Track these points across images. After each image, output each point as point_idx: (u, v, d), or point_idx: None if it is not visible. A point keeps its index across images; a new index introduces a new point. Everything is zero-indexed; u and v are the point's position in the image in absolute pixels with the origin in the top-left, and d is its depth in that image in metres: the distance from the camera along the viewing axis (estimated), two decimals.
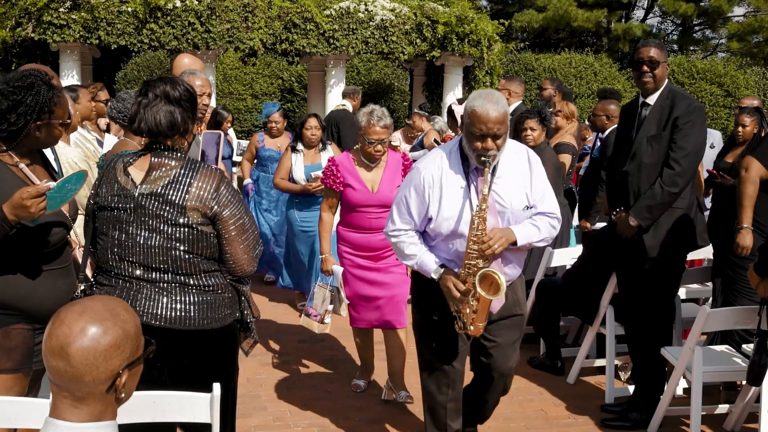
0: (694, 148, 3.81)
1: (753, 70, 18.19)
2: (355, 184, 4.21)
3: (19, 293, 2.58)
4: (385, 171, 4.27)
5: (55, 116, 2.61)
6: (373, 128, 4.13)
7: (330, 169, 4.27)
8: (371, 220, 4.21)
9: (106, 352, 1.51)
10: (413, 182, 3.12)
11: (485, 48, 11.96)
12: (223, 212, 2.55)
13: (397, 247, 3.21)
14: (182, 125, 2.58)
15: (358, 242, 4.26)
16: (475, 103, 2.95)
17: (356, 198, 4.20)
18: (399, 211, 3.16)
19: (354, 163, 4.27)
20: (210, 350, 2.63)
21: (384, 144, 4.19)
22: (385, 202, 4.14)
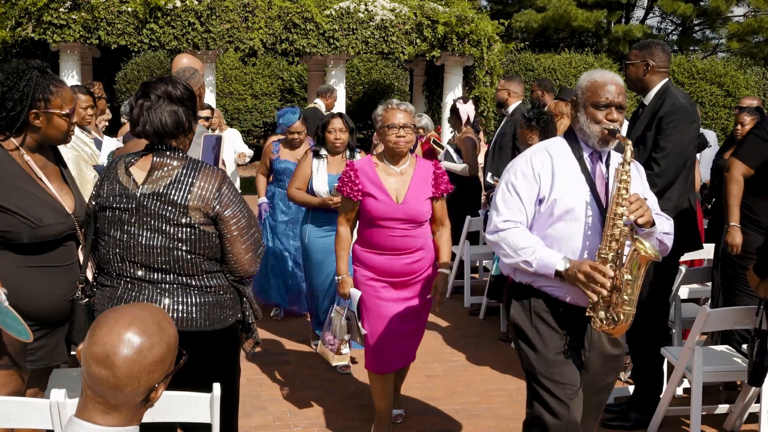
0: (675, 149, 3.78)
1: (753, 70, 18.19)
2: (377, 193, 3.57)
3: (8, 288, 2.58)
4: (413, 179, 3.64)
5: (52, 105, 2.61)
6: (393, 112, 3.60)
7: (347, 174, 3.64)
8: (395, 239, 3.58)
9: (151, 366, 1.51)
10: (518, 168, 2.79)
11: (485, 48, 11.97)
12: (225, 212, 2.55)
13: (506, 243, 2.72)
14: (186, 124, 2.59)
15: (380, 266, 3.64)
16: (594, 75, 2.77)
17: (377, 210, 3.56)
18: (505, 200, 2.77)
19: (376, 169, 3.65)
20: (212, 351, 2.63)
21: (410, 132, 3.61)
22: (412, 215, 3.57)
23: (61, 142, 2.77)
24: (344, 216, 3.74)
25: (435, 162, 3.80)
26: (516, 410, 4.29)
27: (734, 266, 4.07)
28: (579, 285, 2.61)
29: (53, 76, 2.66)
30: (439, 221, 3.77)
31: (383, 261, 3.63)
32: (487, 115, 12.37)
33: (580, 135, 2.80)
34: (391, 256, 3.61)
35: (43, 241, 2.62)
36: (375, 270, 3.65)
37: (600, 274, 2.55)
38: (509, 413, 4.24)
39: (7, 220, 2.54)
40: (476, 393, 4.50)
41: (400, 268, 3.62)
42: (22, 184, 2.60)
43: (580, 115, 2.78)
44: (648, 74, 3.95)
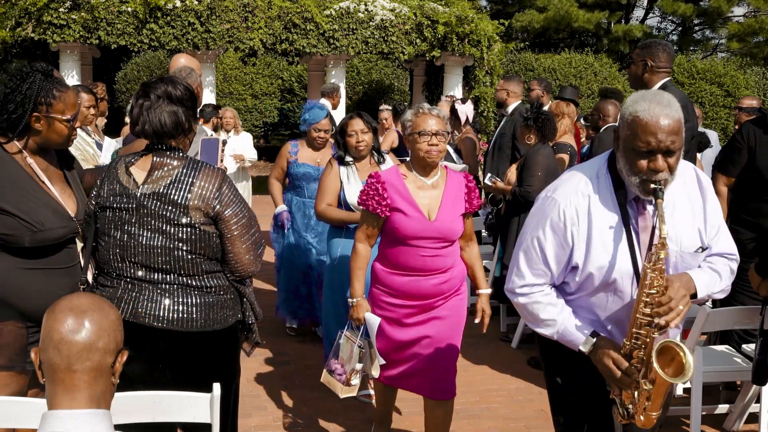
0: None
1: (753, 70, 18.19)
2: (407, 209, 3.22)
3: (9, 289, 2.58)
4: (445, 193, 3.30)
5: (54, 109, 2.60)
6: (424, 117, 3.23)
7: (373, 187, 3.25)
8: (425, 259, 3.24)
9: (114, 323, 1.62)
10: (548, 218, 2.29)
11: (485, 48, 11.97)
12: (225, 212, 2.54)
13: (527, 310, 2.38)
14: (186, 124, 2.58)
15: (405, 288, 3.29)
16: (639, 107, 2.17)
17: (408, 228, 3.20)
18: (528, 260, 2.34)
19: (405, 181, 3.28)
20: (212, 351, 2.63)
21: (443, 141, 3.24)
22: (445, 234, 3.25)
23: (63, 146, 2.76)
24: (365, 232, 3.35)
25: (466, 174, 3.44)
26: (516, 410, 4.29)
27: None
28: (601, 372, 2.28)
29: (57, 80, 2.64)
30: (468, 236, 3.46)
31: (409, 282, 3.27)
32: (486, 115, 12.38)
33: (622, 176, 2.26)
34: (420, 276, 3.26)
35: (44, 245, 2.62)
36: (399, 292, 3.30)
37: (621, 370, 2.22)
38: (509, 413, 4.24)
39: (8, 223, 2.54)
40: (476, 393, 4.50)
41: (428, 289, 3.28)
42: (24, 186, 2.59)
43: (619, 155, 2.24)
44: (647, 74, 3.97)
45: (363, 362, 3.38)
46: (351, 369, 3.40)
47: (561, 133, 6.15)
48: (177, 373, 2.60)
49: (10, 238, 2.55)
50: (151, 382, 2.43)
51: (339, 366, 3.44)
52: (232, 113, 8.65)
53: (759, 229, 3.97)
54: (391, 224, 3.24)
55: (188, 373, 2.60)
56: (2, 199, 2.54)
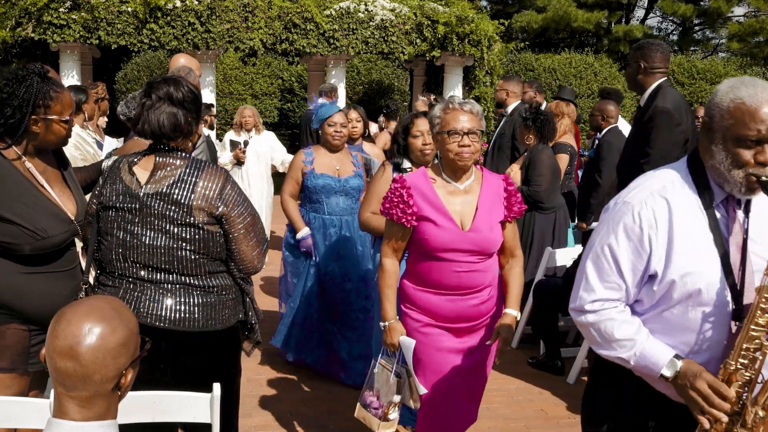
0: (658, 154, 3.80)
1: (753, 71, 18.19)
2: (437, 218, 2.83)
3: (11, 292, 2.58)
4: (480, 198, 2.89)
5: (52, 111, 2.59)
6: (454, 113, 2.83)
7: (397, 193, 2.87)
8: (460, 275, 2.85)
9: (115, 350, 1.52)
10: (620, 223, 2.00)
11: (485, 48, 11.97)
12: (230, 212, 2.53)
13: (599, 331, 2.03)
14: (186, 127, 2.56)
15: (438, 308, 2.92)
16: (741, 92, 1.92)
17: (439, 239, 2.82)
18: (599, 271, 2.03)
19: (433, 185, 2.89)
20: (213, 351, 2.63)
21: (476, 140, 2.84)
22: (482, 246, 2.85)
23: (59, 146, 2.75)
24: (390, 245, 2.96)
25: (505, 176, 3.05)
26: (516, 410, 4.29)
27: None
28: (689, 402, 1.94)
29: (53, 81, 2.63)
30: (510, 251, 3.03)
31: (443, 302, 2.89)
32: (486, 115, 12.38)
33: (713, 174, 2.00)
34: (454, 296, 2.88)
35: (45, 252, 2.61)
36: (432, 313, 2.93)
37: (719, 396, 1.88)
38: (509, 413, 4.24)
39: (10, 231, 2.53)
40: None
41: (464, 310, 2.90)
42: (24, 192, 2.58)
43: (714, 149, 1.97)
44: (641, 75, 3.98)
45: (401, 393, 2.97)
46: (388, 401, 2.97)
47: (561, 133, 6.15)
48: (178, 373, 2.60)
49: (11, 246, 2.55)
50: (151, 381, 2.43)
51: (374, 398, 3.02)
52: (252, 111, 7.88)
53: None
54: (419, 235, 2.85)
55: (189, 373, 2.60)
56: (3, 207, 2.53)
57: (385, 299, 3.00)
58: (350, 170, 4.55)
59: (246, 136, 7.69)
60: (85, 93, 4.90)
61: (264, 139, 7.79)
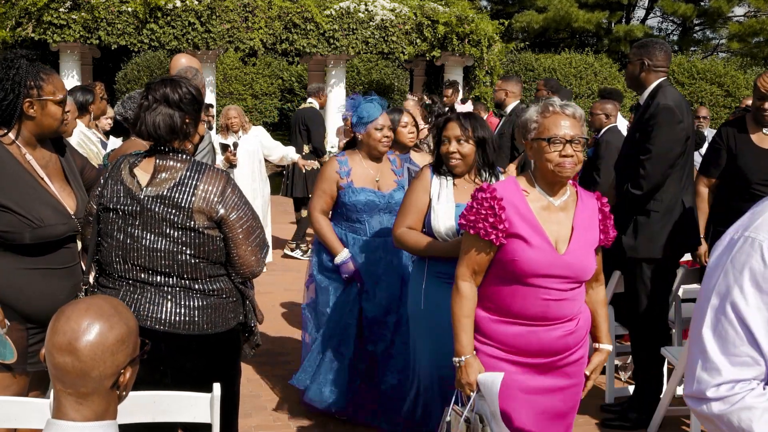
0: (659, 152, 3.80)
1: (753, 71, 18.20)
2: (531, 236, 2.43)
3: (10, 289, 2.58)
4: (576, 218, 2.52)
5: (45, 91, 2.60)
6: (555, 118, 2.43)
7: (486, 204, 2.44)
8: (549, 304, 2.47)
9: (113, 346, 1.53)
10: (747, 268, 1.42)
11: (485, 48, 11.98)
12: (230, 215, 2.52)
13: (728, 424, 1.42)
14: (182, 129, 2.54)
15: (519, 340, 2.51)
16: None
17: (532, 262, 2.42)
18: (723, 340, 1.43)
19: (526, 198, 2.49)
20: (213, 354, 2.63)
21: (579, 149, 2.44)
22: (577, 271, 2.48)
23: (57, 131, 2.74)
24: (470, 266, 2.53)
25: (598, 195, 2.65)
26: None
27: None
28: None
29: (41, 65, 2.65)
30: (595, 276, 2.67)
31: (524, 334, 2.50)
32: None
33: None
34: (538, 326, 2.50)
35: (45, 241, 2.61)
36: (510, 347, 2.53)
37: None
38: None
39: (7, 220, 2.53)
40: None
41: (549, 343, 2.51)
42: (22, 182, 2.59)
43: None
44: (644, 73, 3.97)
45: None
46: None
47: None
48: (178, 376, 2.59)
49: (10, 235, 2.55)
50: (151, 384, 2.43)
51: None
52: (236, 111, 7.52)
53: None
54: (506, 256, 2.45)
55: (189, 376, 2.59)
56: (1, 195, 2.53)
57: (461, 330, 2.54)
58: (392, 182, 3.79)
59: (234, 137, 7.38)
60: (91, 93, 4.90)
61: (253, 137, 7.45)
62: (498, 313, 2.53)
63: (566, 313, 2.52)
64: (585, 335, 2.65)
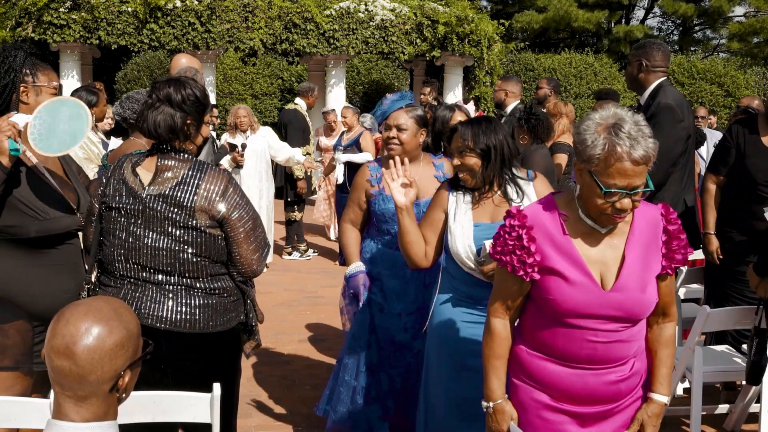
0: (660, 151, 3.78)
1: (753, 70, 18.19)
2: (569, 271, 2.09)
3: (15, 286, 2.58)
4: (629, 243, 2.13)
5: (40, 79, 2.68)
6: (622, 166, 1.97)
7: (513, 233, 2.12)
8: (596, 347, 2.12)
9: (112, 351, 1.52)
10: None
11: (485, 48, 11.97)
12: (231, 214, 2.53)
13: None
14: (182, 130, 2.54)
15: (562, 384, 2.18)
16: None
17: (570, 301, 2.09)
18: None
19: (565, 223, 2.13)
20: (213, 353, 2.63)
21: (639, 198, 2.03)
22: (630, 310, 2.10)
23: None
24: (503, 302, 2.22)
25: (664, 206, 2.21)
26: None
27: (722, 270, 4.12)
28: None
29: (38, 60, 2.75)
30: (661, 309, 2.23)
31: (570, 377, 2.16)
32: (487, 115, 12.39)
33: None
34: (585, 369, 2.15)
35: (50, 235, 2.62)
36: (553, 390, 2.19)
37: None
38: None
39: (14, 213, 2.54)
40: None
41: (597, 389, 2.16)
42: (24, 176, 2.61)
43: None
44: (643, 74, 3.99)
45: None
46: None
47: (559, 132, 6.15)
48: (178, 374, 2.60)
49: (16, 229, 2.56)
50: (152, 382, 2.43)
51: None
52: (246, 110, 7.46)
53: (750, 230, 3.97)
54: (542, 293, 2.12)
55: (190, 374, 2.60)
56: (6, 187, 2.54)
57: (492, 373, 2.24)
58: (432, 190, 3.13)
59: (242, 137, 7.35)
60: (96, 95, 4.90)
61: (261, 137, 7.45)
62: (538, 350, 2.20)
63: (618, 357, 2.14)
64: (640, 382, 2.26)
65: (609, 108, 2.05)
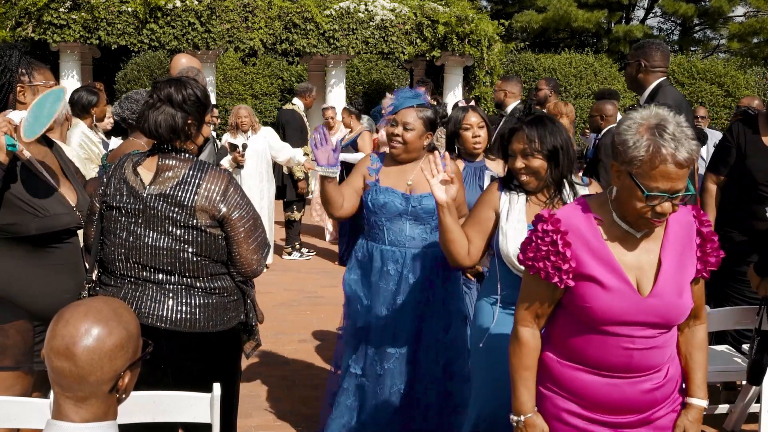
0: None
1: (753, 70, 18.20)
2: (606, 277, 2.01)
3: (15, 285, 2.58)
4: (665, 247, 2.07)
5: (36, 79, 2.68)
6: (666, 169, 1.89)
7: (547, 237, 2.03)
8: (631, 354, 2.05)
9: (111, 352, 1.52)
10: None
11: (485, 48, 11.98)
12: (231, 214, 2.53)
13: None
14: (183, 130, 2.55)
15: (595, 394, 2.10)
16: None
17: (607, 308, 2.01)
18: None
19: (600, 227, 2.06)
20: (213, 353, 2.63)
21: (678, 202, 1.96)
22: (667, 316, 2.05)
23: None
24: (532, 310, 2.14)
25: (696, 208, 2.16)
26: None
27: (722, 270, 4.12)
28: None
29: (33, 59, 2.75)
30: (693, 312, 2.19)
31: (603, 386, 2.09)
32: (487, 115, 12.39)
33: None
34: (619, 378, 2.08)
35: (50, 232, 2.62)
36: (585, 401, 2.11)
37: None
38: None
39: (13, 211, 2.55)
40: None
41: (632, 398, 2.09)
42: (23, 174, 2.61)
43: None
44: (642, 74, 3.99)
45: None
46: None
47: None
48: (178, 374, 2.60)
49: (17, 227, 2.56)
50: (152, 382, 2.43)
51: None
52: (247, 110, 7.43)
53: (750, 230, 3.97)
54: (576, 300, 2.05)
55: (190, 374, 2.60)
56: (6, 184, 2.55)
57: (521, 384, 2.15)
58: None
59: (243, 138, 7.32)
60: (96, 95, 4.90)
61: (262, 137, 7.42)
62: (570, 359, 2.12)
63: (654, 363, 2.09)
64: (675, 388, 2.20)
65: (650, 108, 1.97)
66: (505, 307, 2.70)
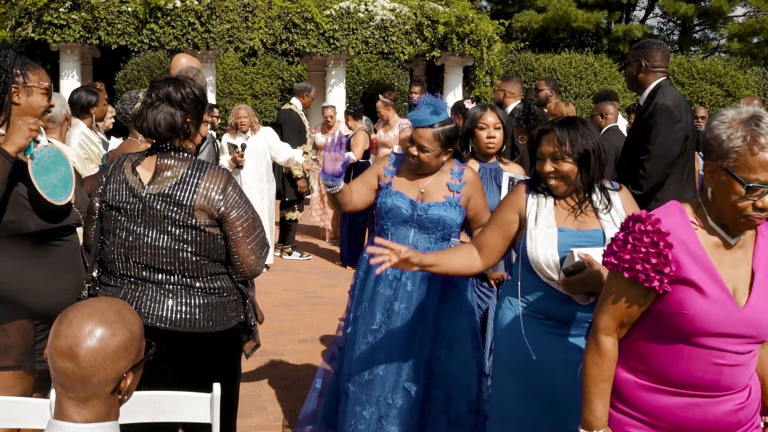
0: (658, 152, 3.82)
1: (753, 70, 18.19)
2: (706, 284, 1.90)
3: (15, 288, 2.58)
4: (756, 257, 1.97)
5: (31, 80, 2.67)
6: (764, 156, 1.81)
7: (646, 237, 1.90)
8: (721, 370, 1.93)
9: (114, 353, 1.52)
10: None
11: (485, 48, 11.98)
12: (230, 213, 2.53)
13: None
14: (182, 128, 2.55)
15: (676, 416, 1.97)
16: None
17: (707, 317, 1.89)
18: None
19: (697, 235, 1.95)
20: (213, 353, 2.63)
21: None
22: (761, 329, 1.94)
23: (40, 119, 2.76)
24: (617, 317, 2.00)
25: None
26: None
27: None
28: None
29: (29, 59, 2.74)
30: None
31: (688, 407, 1.96)
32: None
33: None
34: (704, 398, 1.95)
35: (49, 229, 2.62)
36: (667, 423, 1.98)
37: None
38: None
39: (13, 208, 2.55)
40: None
41: (718, 420, 1.96)
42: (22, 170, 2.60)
43: None
44: (642, 74, 4.00)
45: None
46: None
47: None
48: (178, 374, 2.60)
49: (17, 224, 2.56)
50: (152, 382, 2.43)
51: None
52: (247, 111, 7.42)
53: None
54: (671, 307, 1.92)
55: (190, 374, 2.60)
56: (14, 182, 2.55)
57: (597, 397, 2.01)
58: (441, 195, 3.19)
59: (243, 138, 7.30)
60: (96, 95, 4.90)
61: (261, 137, 7.39)
62: (650, 377, 1.98)
63: (740, 381, 1.97)
64: (757, 410, 2.08)
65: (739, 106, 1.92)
66: (528, 314, 2.59)
